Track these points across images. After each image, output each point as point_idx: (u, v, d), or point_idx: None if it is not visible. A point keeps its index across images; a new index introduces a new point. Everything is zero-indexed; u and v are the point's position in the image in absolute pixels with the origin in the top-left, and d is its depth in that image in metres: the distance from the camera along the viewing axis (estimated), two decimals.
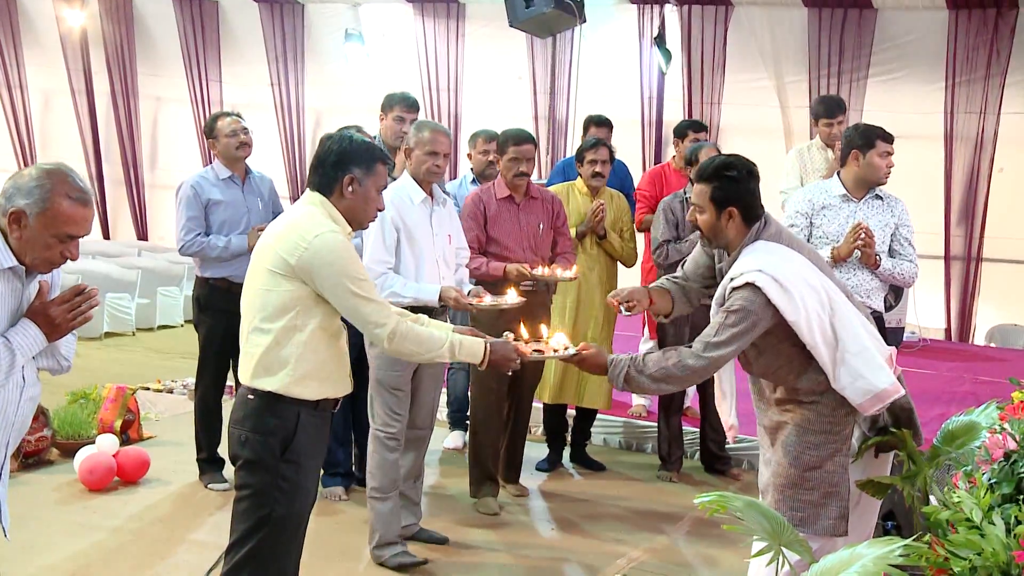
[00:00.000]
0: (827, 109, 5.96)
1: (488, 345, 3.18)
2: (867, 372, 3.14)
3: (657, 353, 3.18)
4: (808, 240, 4.73)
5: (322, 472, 5.21)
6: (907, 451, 3.15)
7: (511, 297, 4.30)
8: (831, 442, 3.21)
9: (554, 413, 5.82)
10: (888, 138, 4.77)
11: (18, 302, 2.59)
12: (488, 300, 4.32)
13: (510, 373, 4.63)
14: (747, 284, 3.08)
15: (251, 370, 3.02)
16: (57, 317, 2.57)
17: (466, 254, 4.69)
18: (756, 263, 3.11)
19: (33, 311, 2.57)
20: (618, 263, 5.76)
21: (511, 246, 5.02)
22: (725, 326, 3.10)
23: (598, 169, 5.53)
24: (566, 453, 5.94)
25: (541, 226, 5.13)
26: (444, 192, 4.68)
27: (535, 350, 3.35)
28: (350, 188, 3.07)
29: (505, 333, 3.38)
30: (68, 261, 2.61)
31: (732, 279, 3.14)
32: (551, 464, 5.78)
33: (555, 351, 3.31)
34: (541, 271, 4.81)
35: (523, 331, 3.41)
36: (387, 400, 4.32)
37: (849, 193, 4.74)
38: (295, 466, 3.01)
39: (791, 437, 3.25)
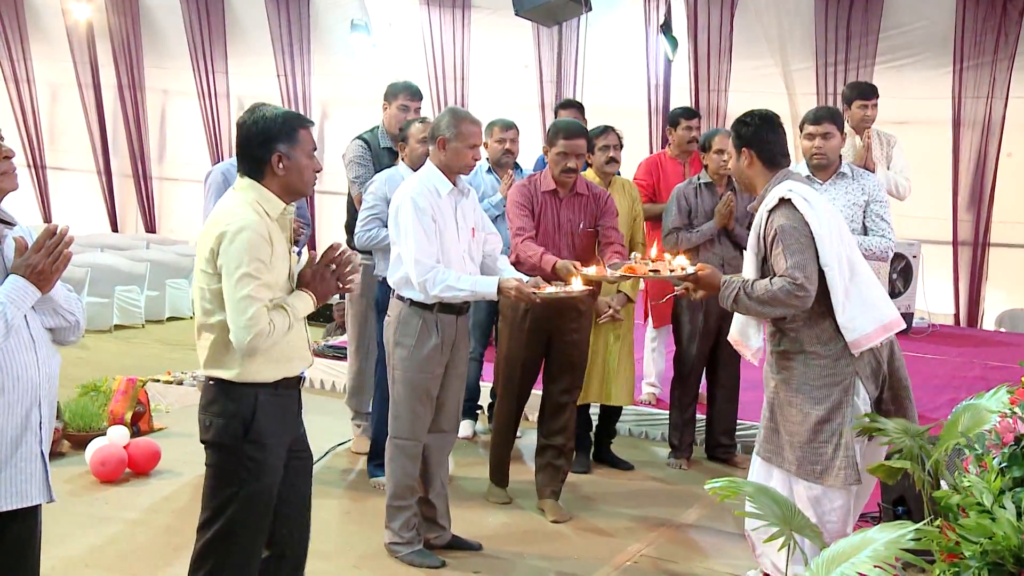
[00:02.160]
0: (860, 92, 5.94)
1: (309, 292, 3.13)
2: (878, 302, 3.58)
3: (764, 280, 3.57)
4: None
5: (369, 462, 5.24)
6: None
7: (576, 285, 4.20)
8: (835, 394, 3.55)
9: (578, 413, 5.56)
10: (813, 119, 4.87)
11: None
12: (551, 289, 4.16)
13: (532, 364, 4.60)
14: (780, 201, 3.54)
15: (205, 360, 3.08)
16: (39, 263, 2.60)
17: (497, 240, 4.47)
18: (787, 187, 3.59)
19: (15, 266, 2.61)
20: None
21: (547, 243, 4.77)
22: (788, 250, 3.49)
23: (612, 154, 5.37)
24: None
25: (582, 224, 4.89)
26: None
27: (652, 270, 3.80)
28: (280, 165, 3.06)
29: (633, 254, 3.96)
30: (8, 158, 2.65)
31: (767, 205, 3.59)
32: (585, 465, 5.59)
33: (671, 271, 3.72)
34: (593, 271, 4.34)
35: (651, 252, 3.76)
36: (414, 406, 4.19)
37: (813, 175, 4.84)
38: (259, 446, 3.05)
39: (798, 396, 3.59)
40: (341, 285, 3.21)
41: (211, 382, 3.09)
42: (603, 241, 4.89)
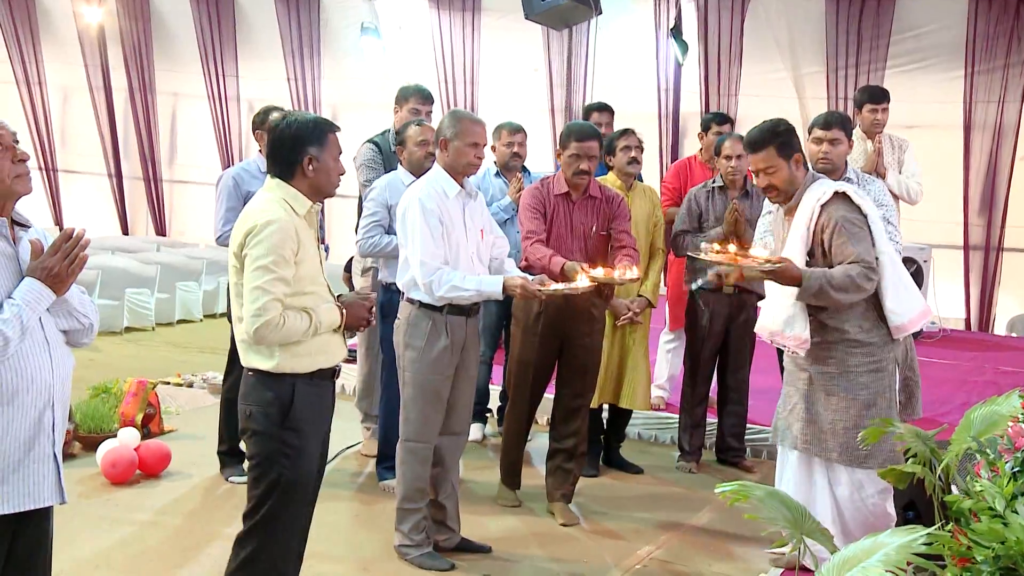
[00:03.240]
0: (871, 95, 5.98)
1: (342, 308, 3.28)
2: (916, 290, 3.87)
3: (841, 267, 3.70)
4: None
5: (378, 465, 5.24)
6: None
7: (581, 282, 4.25)
8: (878, 379, 3.75)
9: (591, 417, 5.48)
10: (823, 124, 4.87)
11: (14, 265, 2.66)
12: (556, 286, 4.18)
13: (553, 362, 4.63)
14: (834, 195, 3.74)
15: (244, 353, 3.23)
16: (55, 266, 2.63)
17: (504, 243, 4.47)
18: (835, 184, 3.80)
19: (31, 269, 2.63)
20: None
21: (559, 246, 4.77)
22: (854, 238, 3.69)
23: (633, 155, 5.36)
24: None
25: (595, 228, 4.87)
26: None
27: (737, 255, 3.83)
28: (311, 167, 3.22)
29: (709, 245, 3.96)
30: (23, 161, 2.68)
31: (818, 199, 3.76)
32: (594, 468, 5.55)
33: (757, 262, 3.78)
34: (601, 273, 4.42)
35: (730, 247, 3.83)
36: (425, 408, 4.18)
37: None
38: (296, 433, 3.19)
39: (841, 383, 3.76)
40: (365, 324, 3.38)
41: (250, 373, 3.22)
42: (615, 244, 4.88)
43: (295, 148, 3.21)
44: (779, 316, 3.87)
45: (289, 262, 3.11)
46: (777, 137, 3.86)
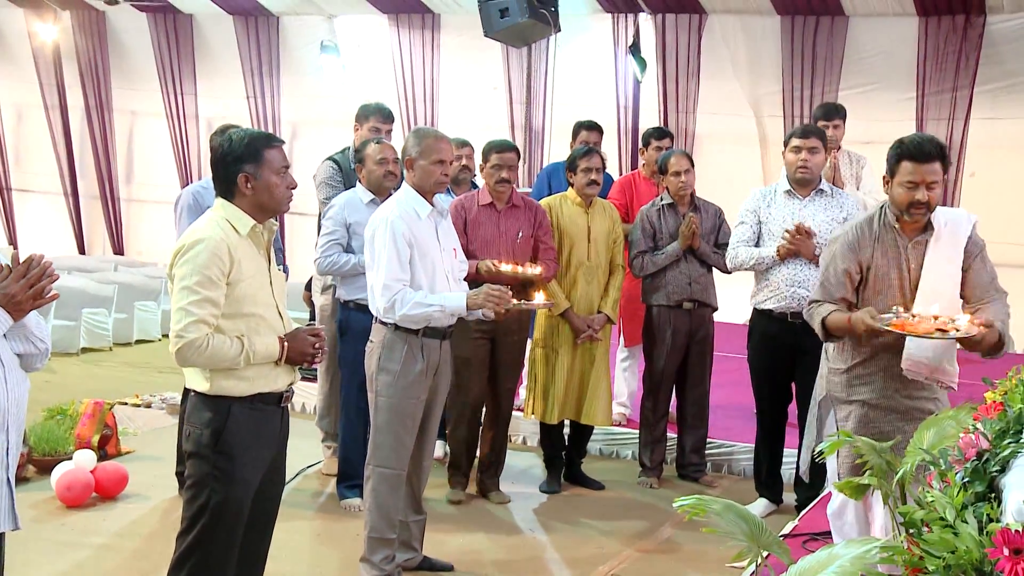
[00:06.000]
0: (825, 112, 6.04)
1: (283, 341, 3.19)
2: None
3: (1000, 308, 3.62)
4: (758, 238, 4.98)
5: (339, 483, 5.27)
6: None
7: (539, 299, 4.48)
8: None
9: (551, 432, 5.64)
10: (801, 134, 4.94)
11: None
12: (513, 303, 4.22)
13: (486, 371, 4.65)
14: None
15: (186, 373, 3.18)
16: (17, 293, 2.60)
17: (465, 265, 4.51)
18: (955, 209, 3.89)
19: None
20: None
21: (489, 252, 5.08)
22: (988, 264, 3.64)
23: (593, 177, 5.40)
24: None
25: (520, 233, 5.17)
26: None
27: (938, 329, 3.41)
28: (248, 185, 3.14)
29: (895, 308, 3.55)
30: None
31: (968, 218, 3.64)
32: (556, 485, 5.62)
33: (956, 330, 3.44)
34: (509, 268, 4.93)
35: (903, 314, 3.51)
36: (399, 432, 4.10)
37: (793, 190, 4.97)
38: (227, 457, 3.11)
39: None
40: (310, 361, 3.28)
41: (192, 393, 3.17)
42: (540, 257, 5.24)
43: (229, 167, 3.14)
44: (933, 354, 3.72)
45: (217, 283, 3.03)
46: (943, 152, 3.56)
